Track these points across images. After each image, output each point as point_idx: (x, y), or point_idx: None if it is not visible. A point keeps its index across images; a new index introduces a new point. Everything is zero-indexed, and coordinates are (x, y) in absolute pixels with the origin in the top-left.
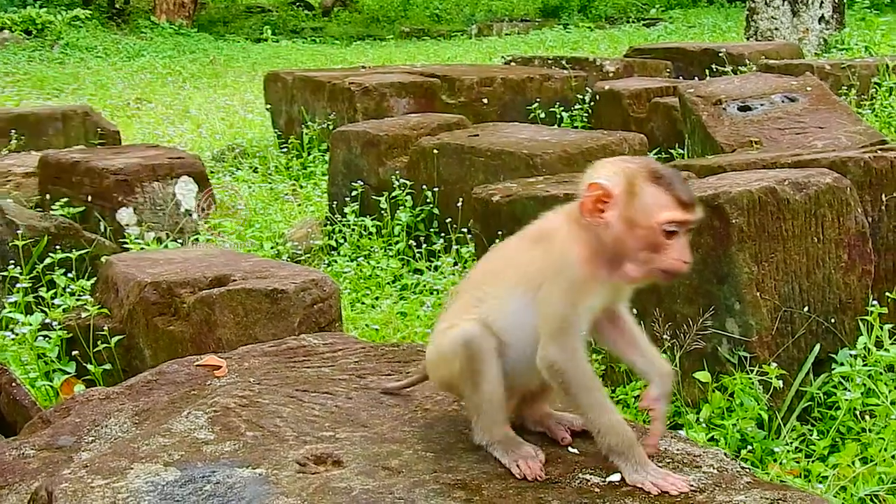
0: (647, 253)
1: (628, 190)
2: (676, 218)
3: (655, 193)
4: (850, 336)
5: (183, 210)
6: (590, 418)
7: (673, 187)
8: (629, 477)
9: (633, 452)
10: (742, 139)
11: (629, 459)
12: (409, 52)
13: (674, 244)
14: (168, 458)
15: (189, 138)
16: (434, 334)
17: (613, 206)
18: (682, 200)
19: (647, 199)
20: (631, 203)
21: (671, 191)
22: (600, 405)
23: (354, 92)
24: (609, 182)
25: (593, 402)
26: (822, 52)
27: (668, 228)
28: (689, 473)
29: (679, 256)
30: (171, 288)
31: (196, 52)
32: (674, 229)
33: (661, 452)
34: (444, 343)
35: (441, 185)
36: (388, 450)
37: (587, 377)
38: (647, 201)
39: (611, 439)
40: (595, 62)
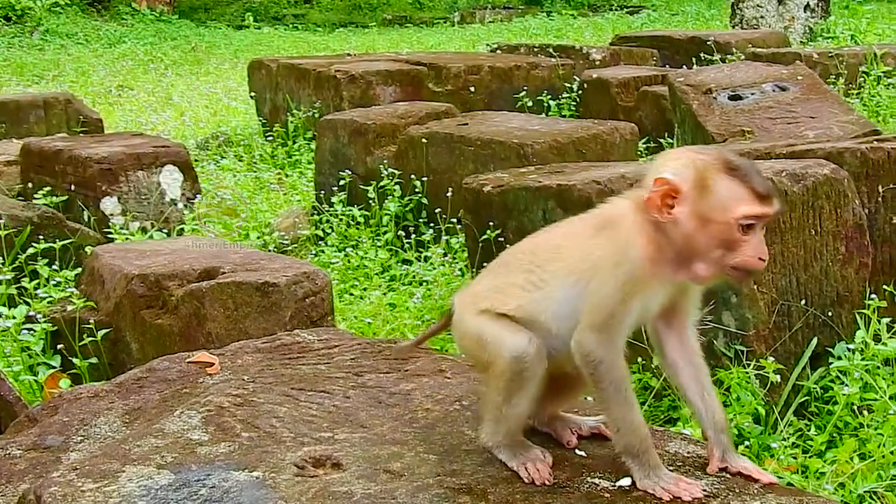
0: (722, 250)
1: (700, 184)
2: (755, 212)
3: (730, 186)
4: (847, 330)
5: (168, 199)
6: (613, 414)
7: (749, 179)
8: (640, 482)
9: (647, 456)
10: (733, 129)
11: (642, 463)
12: (392, 39)
13: (750, 240)
14: (161, 460)
15: (172, 126)
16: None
17: (683, 201)
18: (759, 193)
19: (722, 192)
20: (703, 198)
21: (747, 183)
22: (627, 403)
23: (340, 80)
24: (677, 176)
25: (621, 400)
26: (808, 40)
27: (746, 223)
28: (700, 478)
29: (756, 252)
30: (158, 280)
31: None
32: (751, 223)
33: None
34: (487, 333)
35: (430, 174)
36: (389, 452)
37: (621, 373)
38: (721, 195)
39: (629, 439)
40: (581, 50)
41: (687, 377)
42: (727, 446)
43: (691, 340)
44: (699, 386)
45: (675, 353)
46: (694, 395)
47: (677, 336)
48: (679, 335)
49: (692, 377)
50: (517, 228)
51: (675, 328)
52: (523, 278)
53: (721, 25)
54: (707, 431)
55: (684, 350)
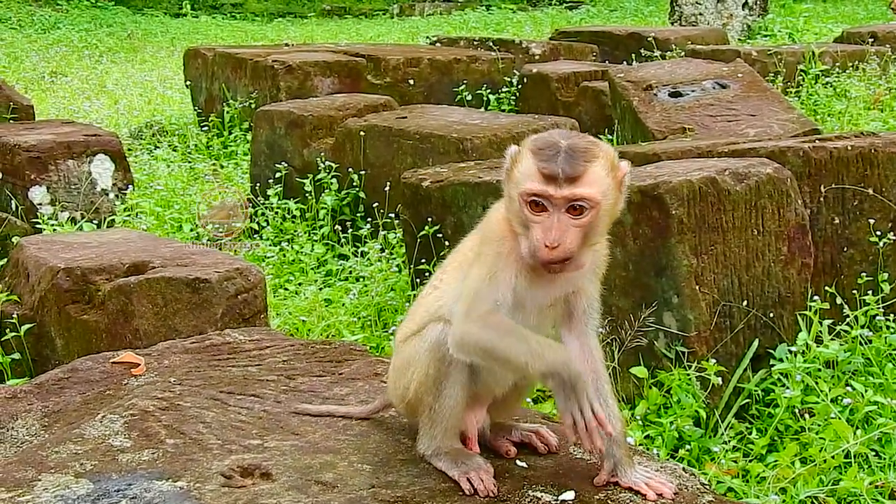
0: (523, 231)
1: (513, 162)
2: (535, 189)
3: (526, 164)
4: (788, 331)
5: (99, 189)
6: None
7: (544, 158)
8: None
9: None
10: (674, 126)
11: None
12: (331, 30)
13: (540, 222)
14: (80, 468)
15: (106, 114)
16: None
17: (506, 178)
18: (544, 172)
19: (519, 169)
20: (510, 175)
21: (539, 161)
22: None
23: (278, 70)
24: (508, 152)
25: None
26: (747, 38)
27: (530, 200)
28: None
29: (541, 238)
30: (85, 274)
31: (113, 26)
32: (538, 202)
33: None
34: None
35: (368, 168)
36: (322, 461)
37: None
38: (518, 172)
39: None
40: (521, 44)
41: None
42: (620, 459)
43: (593, 347)
44: (597, 394)
45: (577, 359)
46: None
47: (579, 343)
48: (580, 341)
49: (591, 384)
50: (456, 224)
51: (575, 333)
52: (427, 291)
53: (660, 22)
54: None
55: (585, 357)
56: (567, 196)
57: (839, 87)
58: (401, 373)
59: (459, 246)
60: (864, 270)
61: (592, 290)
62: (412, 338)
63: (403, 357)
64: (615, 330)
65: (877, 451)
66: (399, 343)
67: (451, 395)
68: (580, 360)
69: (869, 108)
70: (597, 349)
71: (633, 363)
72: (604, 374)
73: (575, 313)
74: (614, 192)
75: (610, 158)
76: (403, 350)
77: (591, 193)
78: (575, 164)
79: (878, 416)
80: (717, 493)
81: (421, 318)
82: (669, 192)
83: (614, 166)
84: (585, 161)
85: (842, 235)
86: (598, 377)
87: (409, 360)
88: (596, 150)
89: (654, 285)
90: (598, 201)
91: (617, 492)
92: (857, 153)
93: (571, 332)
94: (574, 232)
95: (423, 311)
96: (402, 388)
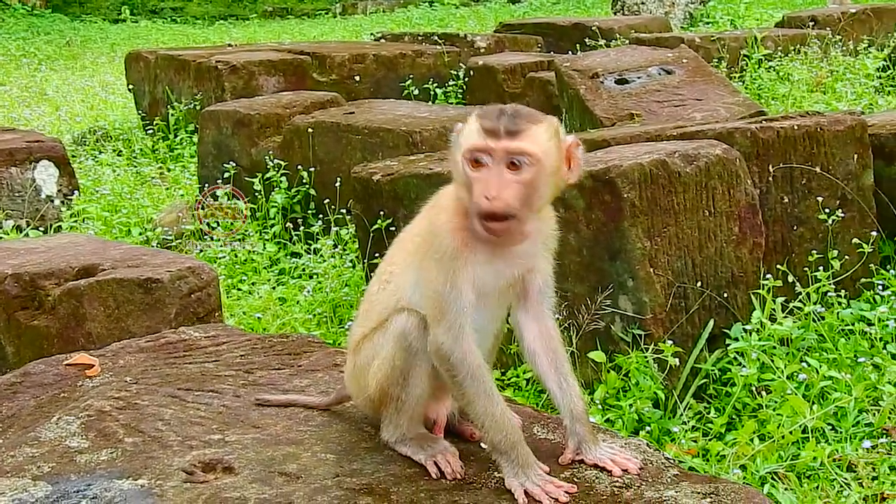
0: (467, 196)
1: (460, 132)
2: (475, 144)
3: (470, 126)
4: (743, 310)
5: (44, 196)
6: (474, 410)
7: (487, 118)
8: (507, 480)
9: (516, 453)
10: (621, 112)
11: (511, 460)
12: (274, 30)
13: (479, 178)
14: (37, 470)
15: (48, 121)
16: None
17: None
18: (485, 127)
19: (464, 133)
20: (456, 143)
21: (482, 120)
22: (486, 395)
23: (222, 70)
24: (455, 128)
25: (480, 391)
26: (689, 25)
27: (468, 156)
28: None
29: (481, 191)
30: (33, 280)
31: (51, 34)
32: (479, 158)
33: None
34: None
35: (317, 164)
36: (284, 453)
37: (475, 361)
38: (462, 136)
39: (494, 435)
40: (466, 38)
41: (545, 365)
42: (583, 437)
43: (550, 327)
44: (557, 374)
45: (534, 340)
46: (552, 384)
47: (535, 323)
48: (538, 322)
49: (550, 365)
50: (408, 217)
51: (532, 314)
52: (378, 287)
53: (602, 12)
54: (564, 421)
55: (543, 337)
56: (506, 148)
57: (782, 70)
58: (362, 370)
59: (403, 234)
60: (815, 248)
61: (546, 267)
62: (374, 333)
63: (364, 354)
64: (572, 315)
65: (833, 424)
66: (356, 343)
67: (417, 385)
68: (539, 340)
69: (812, 90)
70: (554, 329)
71: (590, 348)
72: (563, 354)
73: (531, 293)
74: (557, 157)
75: (555, 126)
76: (363, 348)
77: (530, 148)
78: (517, 121)
79: (833, 390)
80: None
81: (379, 315)
82: (620, 175)
83: (558, 134)
84: (527, 121)
85: (791, 214)
86: (557, 357)
87: (373, 355)
88: (540, 116)
89: (609, 269)
90: (538, 158)
91: (583, 469)
92: (803, 132)
93: (528, 313)
94: (514, 187)
95: (380, 308)
96: (365, 385)
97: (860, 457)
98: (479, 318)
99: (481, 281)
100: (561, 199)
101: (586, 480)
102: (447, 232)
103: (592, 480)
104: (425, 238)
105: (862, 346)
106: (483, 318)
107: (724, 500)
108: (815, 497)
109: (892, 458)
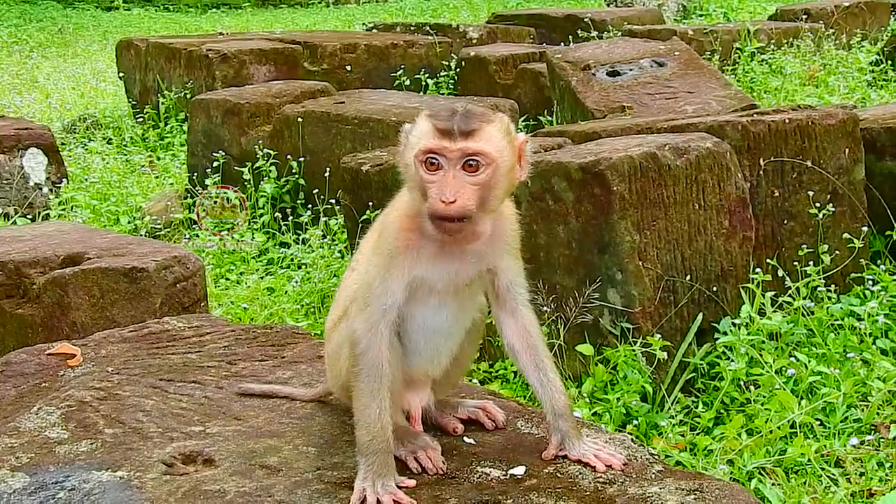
0: (421, 198)
1: (409, 132)
2: (430, 146)
3: (422, 126)
4: (732, 304)
5: (32, 184)
6: (357, 403)
7: (439, 118)
8: (356, 480)
9: (374, 458)
10: (612, 104)
11: (368, 464)
12: (266, 19)
13: (436, 180)
14: (15, 461)
15: (38, 109)
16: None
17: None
18: (439, 128)
19: (415, 133)
20: (407, 143)
21: (435, 120)
22: (371, 395)
23: (213, 59)
24: (403, 129)
25: (367, 389)
26: (682, 18)
27: (425, 158)
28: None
29: (438, 193)
30: (18, 268)
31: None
32: (434, 160)
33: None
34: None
35: (307, 154)
36: (265, 445)
37: (377, 360)
38: (414, 136)
39: (362, 435)
40: (458, 29)
41: (525, 362)
42: (566, 432)
43: (528, 322)
44: (537, 371)
45: (514, 336)
46: (533, 380)
47: (513, 319)
48: (515, 318)
49: (531, 361)
50: None
51: (508, 310)
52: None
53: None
54: (547, 416)
55: (520, 334)
56: (462, 149)
57: (775, 63)
58: (334, 359)
59: (374, 224)
60: (805, 242)
61: (511, 266)
62: (340, 322)
63: (334, 343)
64: (560, 308)
65: (821, 420)
66: (329, 330)
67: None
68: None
69: (804, 83)
70: (532, 324)
71: (578, 341)
72: (543, 349)
73: (501, 291)
74: (511, 155)
75: (506, 124)
76: (333, 336)
77: (486, 149)
78: (470, 121)
79: (822, 385)
80: (667, 464)
81: (344, 303)
82: (610, 168)
83: (510, 132)
84: (481, 121)
85: (782, 208)
86: (536, 352)
87: (340, 344)
88: (491, 115)
89: (598, 262)
90: (493, 158)
91: (566, 465)
92: (794, 126)
93: (505, 308)
94: (470, 189)
95: (345, 294)
96: (338, 371)
97: (848, 452)
98: (437, 317)
99: (432, 280)
100: (550, 191)
101: (570, 476)
102: (393, 231)
103: (576, 476)
104: (376, 236)
105: (851, 341)
106: (440, 318)
107: (709, 497)
108: (803, 492)
109: (879, 455)
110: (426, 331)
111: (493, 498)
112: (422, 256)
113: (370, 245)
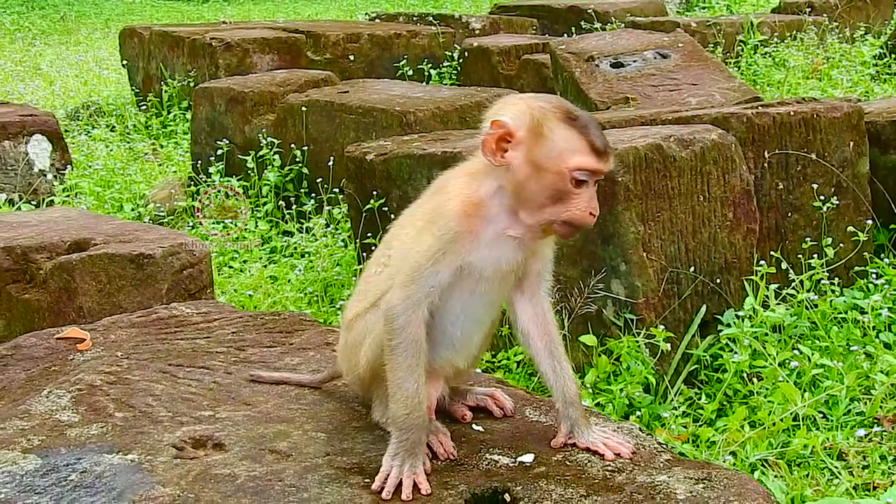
0: (551, 202)
1: (536, 130)
2: (589, 165)
3: (567, 136)
4: (735, 296)
5: (36, 170)
6: (393, 377)
7: (588, 131)
8: (385, 457)
9: (407, 434)
10: (616, 96)
11: (399, 440)
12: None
13: (582, 193)
14: (27, 443)
15: (41, 95)
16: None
17: (518, 146)
18: (596, 147)
19: (558, 141)
20: (538, 144)
21: (586, 135)
22: (409, 370)
23: (216, 47)
24: (514, 120)
25: (405, 364)
26: (685, 10)
27: (579, 176)
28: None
29: (587, 207)
30: (25, 253)
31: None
32: (584, 178)
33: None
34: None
35: (310, 143)
36: (275, 430)
37: (413, 336)
38: (557, 144)
39: (398, 409)
40: (461, 19)
41: (539, 348)
42: (576, 421)
43: (545, 310)
44: (551, 357)
45: (529, 322)
46: (546, 367)
47: (531, 305)
48: (533, 304)
49: (545, 348)
50: (401, 197)
51: (528, 296)
52: (375, 269)
53: None
54: (556, 404)
55: (538, 319)
56: (609, 170)
57: (778, 56)
58: (353, 349)
59: (402, 220)
60: (809, 235)
61: (548, 251)
62: (366, 312)
63: (356, 332)
64: (564, 298)
65: (824, 412)
66: (350, 319)
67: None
68: (534, 322)
69: (808, 76)
70: (549, 312)
71: (582, 331)
72: (557, 337)
73: (529, 276)
74: None
75: None
76: (356, 326)
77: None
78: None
79: (825, 378)
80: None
81: (374, 296)
82: (615, 159)
83: None
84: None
85: (786, 200)
86: (552, 340)
87: (364, 333)
88: None
89: (602, 253)
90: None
91: (575, 453)
92: (799, 118)
93: (524, 294)
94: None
95: (374, 289)
96: (355, 363)
97: (851, 445)
98: (475, 305)
99: (483, 266)
100: None
101: (578, 464)
102: (454, 216)
103: (585, 464)
104: (428, 220)
105: (854, 334)
106: (477, 306)
107: (717, 486)
108: (805, 485)
109: (882, 448)
110: (464, 319)
111: (502, 484)
112: (480, 243)
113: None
